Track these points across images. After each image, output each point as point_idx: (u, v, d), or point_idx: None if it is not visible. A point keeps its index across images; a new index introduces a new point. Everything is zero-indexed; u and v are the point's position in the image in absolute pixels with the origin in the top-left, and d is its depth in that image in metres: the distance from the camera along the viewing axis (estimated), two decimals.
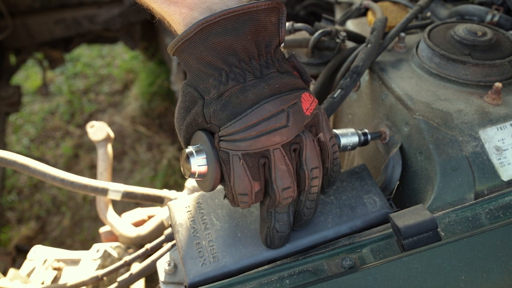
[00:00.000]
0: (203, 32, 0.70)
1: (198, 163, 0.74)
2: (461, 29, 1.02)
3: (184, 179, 2.38)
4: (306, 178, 0.76)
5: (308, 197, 0.78)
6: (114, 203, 1.32)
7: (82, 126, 3.15)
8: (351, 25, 1.27)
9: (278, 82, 0.73)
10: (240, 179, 0.73)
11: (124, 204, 2.43)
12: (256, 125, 0.71)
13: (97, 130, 1.29)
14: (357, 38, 1.17)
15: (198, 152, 0.74)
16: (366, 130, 0.94)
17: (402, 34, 1.07)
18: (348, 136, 0.91)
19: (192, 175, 0.75)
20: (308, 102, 0.75)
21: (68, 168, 2.88)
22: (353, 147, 0.92)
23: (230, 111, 0.71)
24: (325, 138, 0.78)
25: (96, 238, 2.48)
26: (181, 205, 0.89)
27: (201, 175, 0.75)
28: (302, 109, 0.74)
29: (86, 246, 2.44)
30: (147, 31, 2.89)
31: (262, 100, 0.71)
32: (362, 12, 1.30)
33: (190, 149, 0.75)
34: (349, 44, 1.19)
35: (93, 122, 1.31)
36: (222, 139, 0.72)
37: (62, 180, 1.12)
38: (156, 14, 0.78)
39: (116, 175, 2.77)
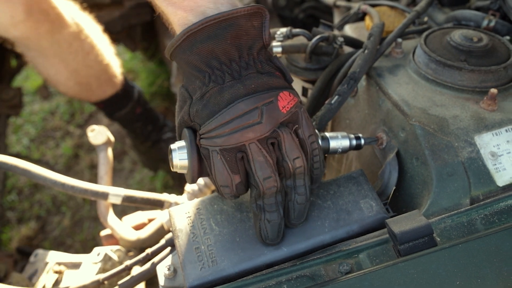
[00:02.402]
0: (190, 39, 0.77)
1: (179, 157, 0.83)
2: (457, 35, 1.03)
3: (183, 182, 2.39)
4: (290, 167, 0.80)
5: (296, 182, 0.82)
6: (115, 206, 1.33)
7: (82, 126, 3.16)
8: (349, 30, 1.28)
9: (255, 82, 0.79)
10: (220, 172, 0.79)
11: (124, 207, 2.44)
12: (230, 122, 0.76)
13: (98, 134, 1.31)
14: (355, 43, 1.18)
15: (180, 147, 0.83)
16: (360, 135, 0.95)
17: (399, 40, 1.08)
18: (338, 139, 0.92)
19: (175, 167, 0.84)
20: (285, 101, 0.80)
21: (68, 168, 2.89)
22: (344, 150, 0.93)
23: (209, 110, 0.78)
24: (304, 135, 0.82)
25: (96, 238, 2.49)
26: (181, 211, 0.91)
27: (182, 168, 0.84)
28: (278, 107, 0.79)
29: (86, 246, 2.45)
30: (147, 32, 2.90)
31: (236, 99, 0.77)
32: (360, 16, 1.31)
33: (174, 145, 0.84)
34: (347, 49, 1.20)
35: (93, 126, 1.32)
36: (202, 137, 0.79)
37: (63, 185, 1.13)
38: (157, 11, 0.86)
39: (116, 175, 2.78)
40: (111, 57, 2.14)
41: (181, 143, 0.84)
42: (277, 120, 0.78)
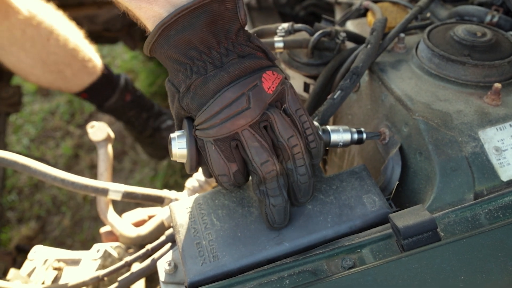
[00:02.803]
0: (165, 33, 0.76)
1: (178, 146, 0.84)
2: (460, 30, 1.02)
3: (184, 179, 2.38)
4: (287, 148, 0.80)
5: (296, 164, 0.81)
6: (114, 203, 1.32)
7: (82, 126, 3.15)
8: (351, 25, 1.27)
9: (238, 68, 0.78)
10: (216, 162, 0.80)
11: (124, 204, 2.43)
12: (219, 113, 0.76)
13: (97, 130, 1.30)
14: (357, 39, 1.18)
15: (179, 137, 0.84)
16: (362, 129, 0.94)
17: (402, 35, 1.08)
18: (339, 132, 0.91)
19: (174, 156, 0.84)
20: (270, 81, 0.79)
21: (68, 168, 2.88)
22: (345, 144, 0.92)
23: (197, 102, 0.78)
24: (291, 110, 0.81)
25: (96, 238, 2.48)
26: (182, 206, 0.90)
27: (181, 157, 0.84)
28: (264, 89, 0.78)
29: (86, 246, 2.44)
30: (147, 32, 2.89)
31: (222, 88, 0.77)
32: (362, 12, 1.31)
33: (173, 134, 0.85)
34: (349, 44, 1.19)
35: (93, 123, 1.32)
36: (196, 128, 0.80)
37: (63, 181, 1.12)
38: (120, 8, 0.83)
39: (116, 175, 2.77)
40: (79, 42, 2.06)
41: (180, 132, 0.85)
42: (265, 102, 0.78)
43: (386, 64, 1.04)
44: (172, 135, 0.85)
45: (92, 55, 2.14)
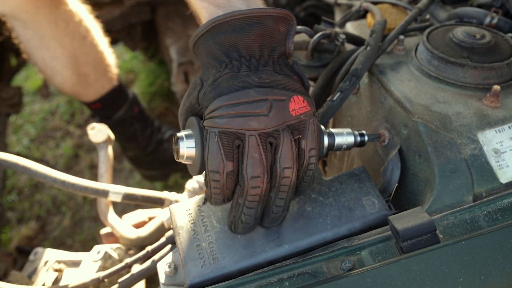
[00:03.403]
0: (215, 29, 0.78)
1: (187, 146, 0.79)
2: (459, 32, 1.02)
3: (184, 179, 2.38)
4: (278, 176, 0.77)
5: (277, 195, 0.79)
6: (114, 203, 1.32)
7: (82, 126, 3.15)
8: (351, 27, 1.27)
9: (270, 78, 0.78)
10: (213, 155, 0.76)
11: (124, 205, 2.43)
12: (236, 105, 0.75)
13: (98, 132, 1.30)
14: (357, 41, 1.18)
15: (187, 136, 0.80)
16: (364, 131, 0.94)
17: (401, 37, 1.08)
18: (343, 136, 0.91)
19: (181, 157, 0.80)
20: (297, 105, 0.78)
21: (68, 168, 2.88)
22: (348, 147, 0.92)
23: (217, 92, 0.77)
24: (306, 146, 0.79)
25: (96, 238, 2.49)
26: (182, 208, 0.90)
27: (189, 158, 0.80)
28: (288, 107, 0.77)
29: (86, 246, 2.44)
30: (147, 32, 2.90)
31: (249, 87, 0.76)
32: (362, 14, 1.31)
33: (181, 133, 0.81)
34: (349, 46, 1.19)
35: (93, 124, 1.32)
36: (205, 118, 0.77)
37: (63, 183, 1.12)
38: (190, 7, 0.87)
39: (116, 175, 2.77)
40: (105, 47, 2.09)
41: (188, 131, 0.81)
42: (284, 120, 0.76)
43: (385, 66, 1.04)
44: (179, 134, 0.81)
45: (113, 62, 2.15)
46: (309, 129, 0.79)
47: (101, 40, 2.06)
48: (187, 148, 0.79)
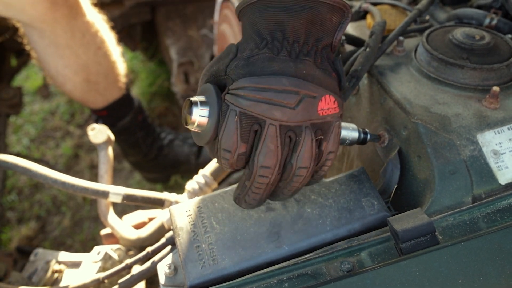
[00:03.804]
0: (265, 2, 0.75)
1: (200, 113, 0.76)
2: (459, 33, 1.02)
3: (184, 180, 2.39)
4: (292, 172, 0.77)
5: (287, 187, 0.79)
6: (115, 204, 1.32)
7: (82, 126, 3.15)
8: (350, 28, 1.27)
9: (307, 70, 0.75)
10: (229, 134, 0.74)
11: (124, 205, 2.43)
12: (264, 91, 0.72)
13: (98, 133, 1.30)
14: (356, 42, 1.18)
15: (202, 103, 0.77)
16: (367, 130, 0.94)
17: (401, 38, 1.08)
18: (349, 130, 0.91)
19: (191, 124, 0.77)
20: (327, 105, 0.76)
21: (68, 168, 2.88)
22: (351, 142, 0.92)
23: (249, 69, 0.74)
24: (326, 149, 0.78)
25: (96, 238, 2.49)
26: (182, 210, 0.90)
27: (200, 126, 0.77)
28: (317, 106, 0.75)
29: (86, 246, 2.44)
30: (147, 32, 2.90)
31: (283, 74, 0.73)
32: (361, 15, 1.31)
33: (195, 98, 0.77)
34: (348, 47, 1.19)
35: (93, 125, 1.32)
36: (229, 92, 0.74)
37: (63, 184, 1.13)
38: None
39: (116, 176, 2.77)
40: (118, 56, 2.11)
41: (202, 98, 0.78)
42: (309, 118, 0.74)
43: (385, 67, 1.04)
44: (193, 99, 0.77)
45: (123, 72, 2.16)
46: (332, 131, 0.78)
47: (114, 50, 2.07)
48: (199, 116, 0.76)
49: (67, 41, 1.86)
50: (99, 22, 1.98)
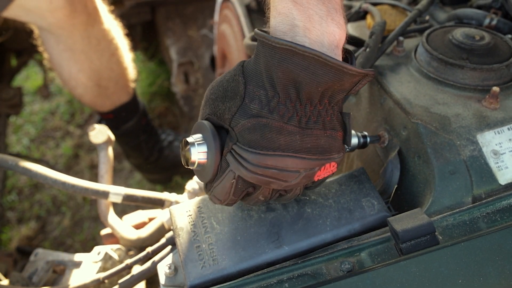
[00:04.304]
0: (287, 53, 0.68)
1: (198, 150, 0.77)
2: (459, 33, 1.02)
3: (185, 180, 2.39)
4: (280, 198, 0.84)
5: (278, 200, 0.86)
6: (115, 204, 1.32)
7: (82, 126, 3.15)
8: (350, 28, 1.27)
9: (313, 142, 0.74)
10: (223, 190, 0.77)
11: (125, 206, 2.44)
12: (267, 168, 0.73)
13: (98, 133, 1.30)
14: (356, 42, 1.18)
15: (199, 143, 0.77)
16: (366, 133, 0.94)
17: (401, 38, 1.08)
18: None
19: (191, 164, 0.78)
20: (325, 172, 0.79)
21: (68, 168, 2.88)
22: (352, 148, 0.93)
23: (256, 139, 0.72)
24: (317, 180, 0.82)
25: (96, 238, 2.49)
26: (182, 210, 0.90)
27: (200, 166, 0.78)
28: (314, 175, 0.78)
29: (86, 246, 2.45)
30: (147, 32, 2.90)
31: (288, 151, 0.72)
32: (361, 15, 1.31)
33: (191, 139, 0.77)
34: (348, 47, 1.19)
35: (94, 125, 1.32)
36: (231, 152, 0.74)
37: (63, 184, 1.13)
38: None
39: (116, 175, 2.77)
40: (129, 62, 2.13)
41: (199, 137, 0.78)
42: (304, 184, 0.80)
43: (385, 67, 1.04)
44: (189, 139, 0.77)
45: (133, 77, 2.19)
46: (322, 182, 0.85)
47: (127, 56, 2.10)
48: (198, 153, 0.77)
49: (83, 47, 1.88)
50: (114, 29, 2.00)
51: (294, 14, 0.70)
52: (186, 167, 0.80)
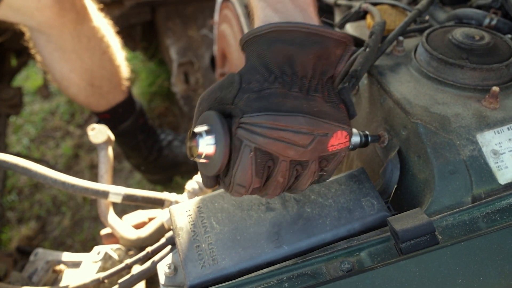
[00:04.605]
0: (273, 35, 0.74)
1: (207, 143, 0.74)
2: (458, 33, 1.02)
3: (185, 180, 2.39)
4: (292, 189, 0.82)
5: (293, 188, 0.83)
6: (115, 204, 1.32)
7: (82, 126, 3.15)
8: (350, 28, 1.27)
9: (319, 107, 0.75)
10: (243, 171, 0.74)
11: (125, 206, 2.44)
12: (283, 130, 0.72)
13: (98, 133, 1.30)
14: (356, 42, 1.18)
15: (207, 132, 0.74)
16: (367, 132, 0.94)
17: (401, 38, 1.08)
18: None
19: (199, 156, 0.75)
20: (337, 140, 0.78)
21: (68, 168, 2.88)
22: (354, 147, 0.93)
23: (264, 104, 0.73)
24: (326, 173, 0.82)
25: (96, 238, 2.49)
26: (182, 209, 0.90)
27: (207, 157, 0.76)
28: (327, 143, 0.76)
29: (86, 246, 2.45)
30: (147, 32, 2.90)
31: (299, 112, 0.73)
32: (361, 15, 1.31)
33: (198, 129, 0.75)
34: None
35: (93, 125, 1.32)
36: (241, 126, 0.73)
37: (63, 183, 1.13)
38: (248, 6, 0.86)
39: (116, 175, 2.77)
40: (122, 60, 2.13)
41: (206, 127, 0.76)
42: (319, 154, 0.77)
43: (385, 67, 1.04)
44: (197, 129, 0.75)
45: (126, 76, 2.18)
46: (336, 160, 0.81)
47: (119, 54, 2.09)
48: (206, 146, 0.74)
49: (74, 46, 1.88)
50: (104, 27, 2.00)
51: (275, 19, 0.77)
52: (192, 159, 0.77)
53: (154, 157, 2.45)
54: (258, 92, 0.74)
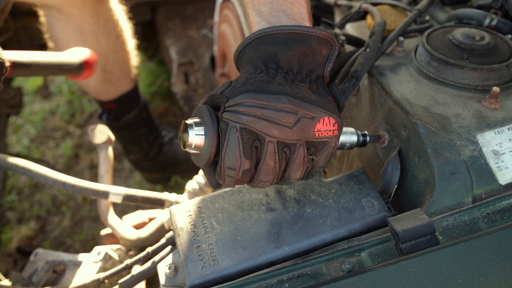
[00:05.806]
0: (260, 40, 0.79)
1: (196, 133, 0.77)
2: (459, 33, 1.02)
3: (185, 180, 2.39)
4: (283, 181, 0.82)
5: (279, 183, 0.84)
6: (115, 204, 1.32)
7: (82, 126, 3.15)
8: (350, 28, 1.27)
9: (303, 93, 0.77)
10: (231, 151, 0.75)
11: (125, 206, 2.43)
12: (264, 108, 0.74)
13: (98, 133, 1.30)
14: (356, 42, 1.18)
15: (196, 123, 0.78)
16: (366, 132, 0.94)
17: (401, 38, 1.08)
18: (347, 135, 0.92)
19: (189, 146, 0.78)
20: (325, 126, 0.78)
21: (68, 168, 2.88)
22: (351, 146, 0.93)
23: (247, 88, 0.76)
24: (316, 164, 0.82)
25: (96, 238, 2.49)
26: (182, 210, 0.90)
27: (197, 147, 0.78)
28: (314, 127, 0.77)
29: (86, 246, 2.44)
30: (147, 32, 2.90)
31: (281, 93, 0.76)
32: (362, 15, 1.31)
33: (189, 121, 0.78)
34: (348, 47, 1.19)
35: (94, 125, 1.32)
36: (226, 109, 0.76)
37: (63, 183, 1.13)
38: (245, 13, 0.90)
39: (116, 175, 2.77)
40: (132, 48, 2.14)
41: (196, 119, 0.79)
42: (305, 137, 0.77)
43: (385, 67, 1.04)
44: (187, 121, 0.78)
45: (135, 64, 2.19)
46: (326, 150, 0.81)
47: (130, 41, 2.11)
48: (196, 136, 0.77)
49: (91, 26, 1.89)
50: (119, 11, 2.01)
51: (254, 19, 0.83)
52: (183, 149, 0.80)
53: (154, 153, 2.45)
54: (243, 82, 0.78)
